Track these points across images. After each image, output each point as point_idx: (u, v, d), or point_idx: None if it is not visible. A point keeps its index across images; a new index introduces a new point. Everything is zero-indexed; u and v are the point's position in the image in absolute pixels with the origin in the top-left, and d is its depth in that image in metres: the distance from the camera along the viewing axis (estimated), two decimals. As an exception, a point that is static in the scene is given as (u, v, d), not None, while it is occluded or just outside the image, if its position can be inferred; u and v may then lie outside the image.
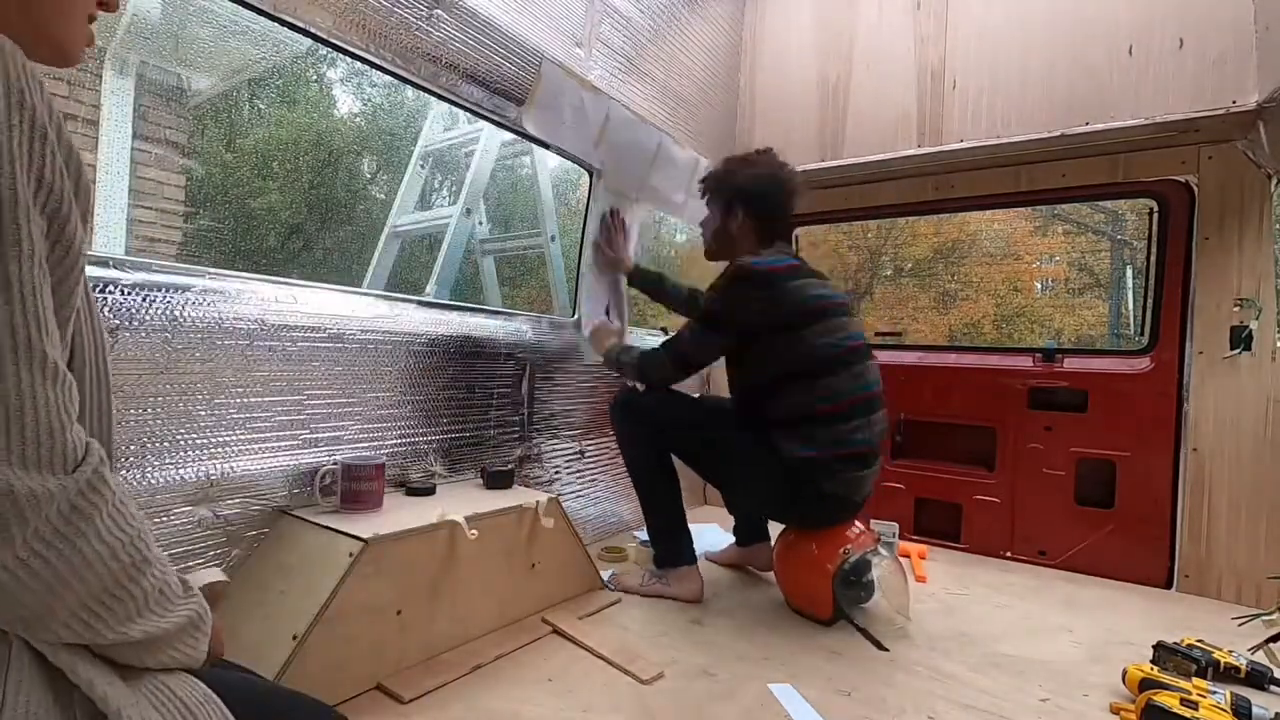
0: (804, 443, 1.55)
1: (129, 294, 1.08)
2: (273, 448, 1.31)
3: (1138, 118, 1.91)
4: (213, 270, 1.24)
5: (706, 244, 1.85)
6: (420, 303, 1.70)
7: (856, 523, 1.66)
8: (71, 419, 0.45)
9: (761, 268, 1.56)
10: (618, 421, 1.77)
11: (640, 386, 1.79)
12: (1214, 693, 1.19)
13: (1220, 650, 1.37)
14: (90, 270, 1.03)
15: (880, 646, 1.48)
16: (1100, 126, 1.96)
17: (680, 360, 1.66)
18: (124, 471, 1.08)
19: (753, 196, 1.70)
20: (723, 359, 1.70)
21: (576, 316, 2.24)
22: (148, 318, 1.10)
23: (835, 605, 1.55)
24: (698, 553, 1.78)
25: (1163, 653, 1.38)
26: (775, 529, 1.84)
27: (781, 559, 1.71)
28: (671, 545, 1.74)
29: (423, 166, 4.19)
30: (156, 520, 1.13)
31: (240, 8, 1.22)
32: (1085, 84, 1.99)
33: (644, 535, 2.20)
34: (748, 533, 1.98)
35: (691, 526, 1.78)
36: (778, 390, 1.58)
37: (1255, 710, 1.16)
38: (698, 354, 1.66)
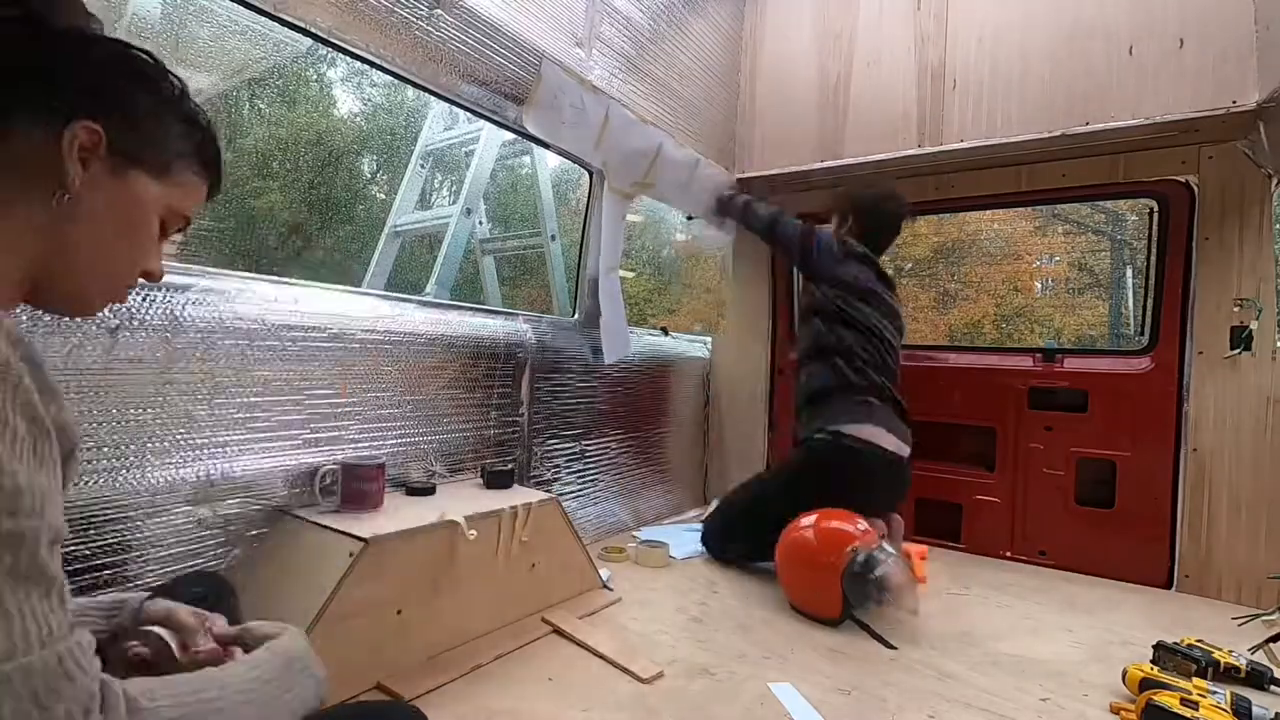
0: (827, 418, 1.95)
1: (129, 294, 1.08)
2: (273, 447, 1.31)
3: (1138, 118, 1.91)
4: (212, 270, 1.24)
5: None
6: (420, 302, 1.70)
7: (861, 520, 1.66)
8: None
9: (857, 249, 2.07)
10: (719, 554, 2.06)
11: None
12: (1214, 693, 1.19)
13: (1220, 650, 1.37)
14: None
15: (888, 645, 1.48)
16: (1100, 126, 1.96)
17: (773, 224, 2.24)
18: (123, 472, 1.08)
19: (863, 209, 2.12)
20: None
21: (577, 316, 2.24)
22: (148, 317, 1.10)
23: (844, 604, 1.55)
24: (686, 555, 2.05)
25: (1163, 653, 1.38)
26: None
27: (785, 561, 1.71)
28: None
29: (423, 166, 4.19)
30: (157, 520, 1.13)
31: (240, 7, 1.22)
32: (1085, 84, 1.99)
33: (644, 535, 2.20)
34: None
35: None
36: (817, 358, 2.02)
37: (1255, 710, 1.16)
38: (787, 236, 2.18)
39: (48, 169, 0.52)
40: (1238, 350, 1.92)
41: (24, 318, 0.96)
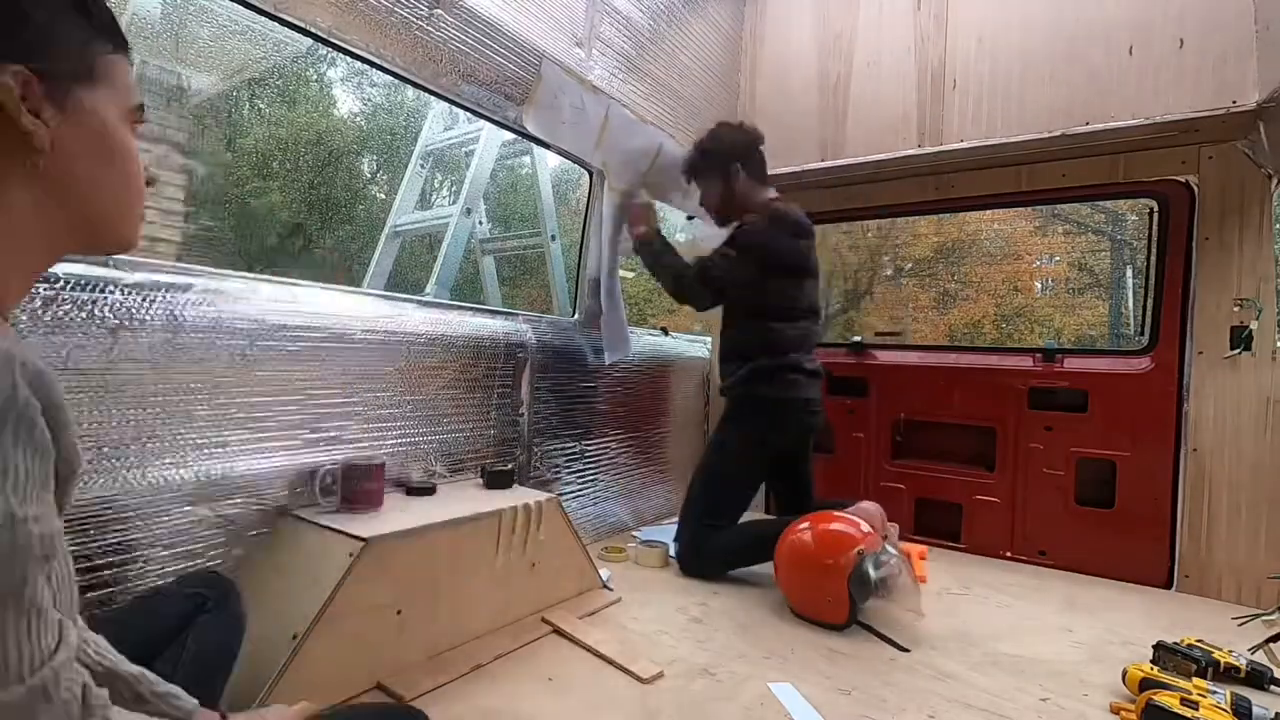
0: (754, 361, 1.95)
1: (129, 294, 1.08)
2: (273, 447, 1.31)
3: (1138, 118, 1.91)
4: (213, 270, 1.24)
5: (715, 213, 2.09)
6: (420, 302, 1.70)
7: (863, 523, 1.64)
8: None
9: (805, 223, 1.96)
10: (695, 572, 1.93)
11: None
12: (1214, 693, 1.19)
13: (1220, 650, 1.37)
14: (90, 270, 1.03)
15: (901, 648, 1.47)
16: (1100, 126, 1.96)
17: (713, 283, 1.93)
18: (125, 472, 1.08)
19: (743, 153, 2.01)
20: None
21: (577, 316, 2.24)
22: (148, 317, 1.10)
23: (851, 608, 1.53)
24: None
25: (1163, 652, 1.38)
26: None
27: (787, 569, 1.68)
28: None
29: (423, 166, 4.19)
30: (157, 520, 1.13)
31: (240, 7, 1.22)
32: (1085, 84, 1.99)
33: (644, 535, 2.20)
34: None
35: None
36: (753, 320, 1.97)
37: (1255, 710, 1.16)
38: (727, 280, 1.93)
39: (6, 141, 0.49)
40: (1238, 350, 1.92)
41: (23, 318, 0.96)
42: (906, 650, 1.46)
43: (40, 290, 0.97)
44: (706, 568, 1.89)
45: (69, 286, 1.00)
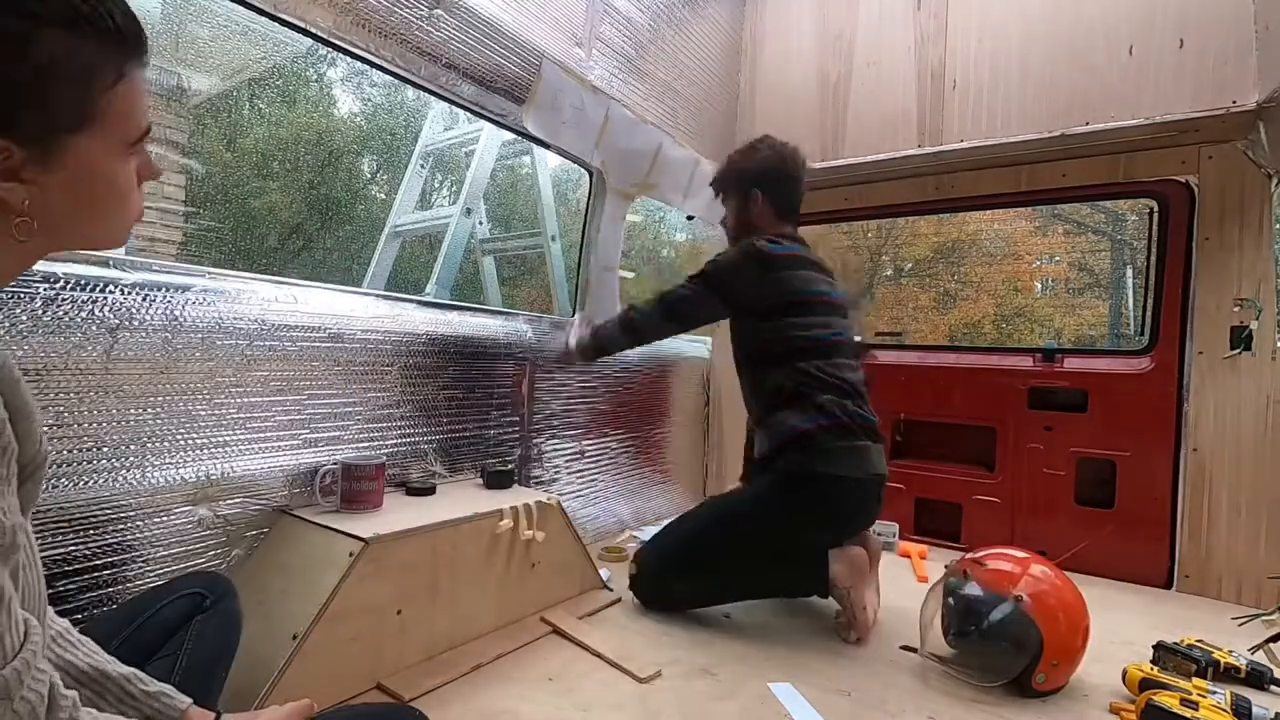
0: (782, 425, 1.58)
1: (129, 294, 1.08)
2: (273, 447, 1.31)
3: (1138, 118, 1.91)
4: (213, 270, 1.24)
5: (731, 236, 1.86)
6: (420, 302, 1.69)
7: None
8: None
9: (774, 251, 1.64)
10: (653, 603, 1.64)
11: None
12: (1214, 693, 1.19)
13: (1220, 650, 1.37)
14: (90, 270, 1.03)
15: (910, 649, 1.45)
16: (1100, 126, 1.96)
17: (671, 312, 1.73)
18: (124, 472, 1.08)
19: (766, 178, 1.77)
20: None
21: (577, 317, 2.24)
22: (148, 317, 1.10)
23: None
24: None
25: (1163, 653, 1.38)
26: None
27: None
28: (797, 585, 1.63)
29: (423, 166, 4.19)
30: (157, 520, 1.13)
31: (240, 7, 1.22)
32: (1085, 84, 1.99)
33: (643, 535, 2.20)
34: None
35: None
36: (756, 370, 1.67)
37: (1255, 710, 1.16)
38: (685, 309, 1.72)
39: None
40: (1238, 350, 1.92)
41: (23, 318, 0.96)
42: (914, 650, 1.43)
43: (40, 290, 0.97)
44: (666, 608, 1.62)
45: (69, 286, 1.00)
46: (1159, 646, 1.39)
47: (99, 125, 0.52)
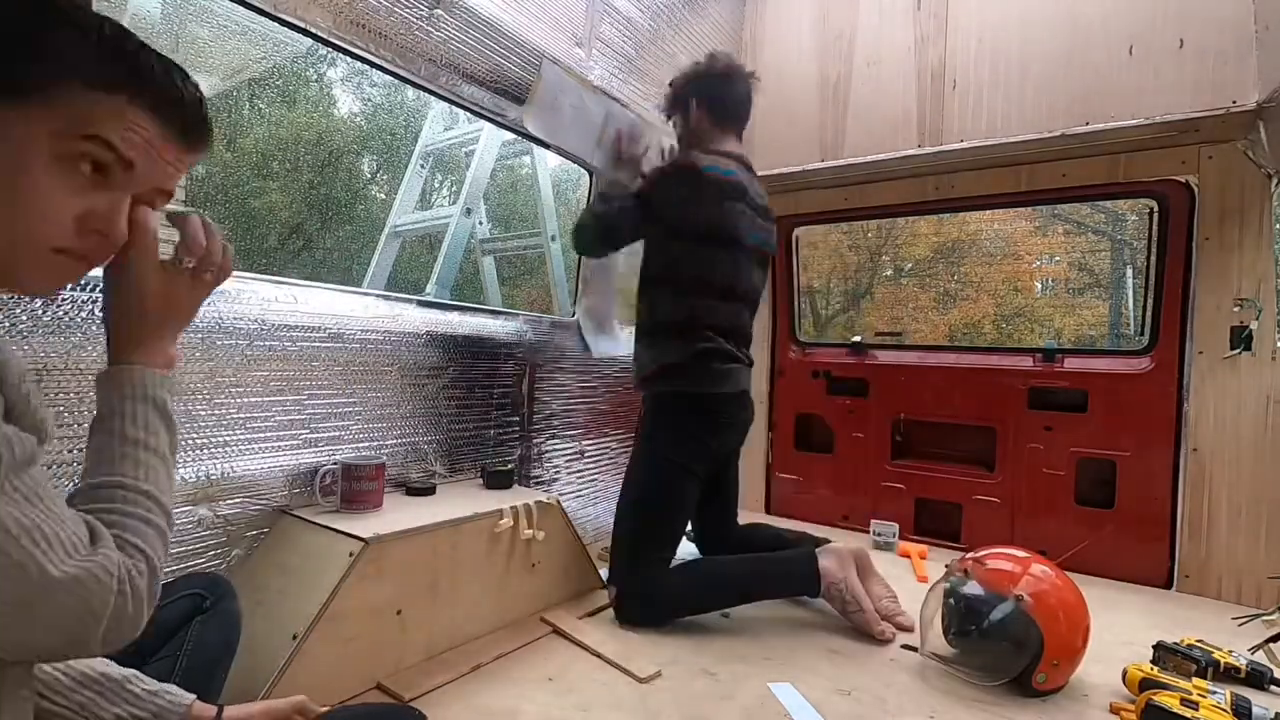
0: (660, 352, 1.62)
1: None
2: (273, 447, 1.31)
3: (1138, 118, 1.91)
4: (213, 270, 1.24)
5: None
6: (420, 302, 1.69)
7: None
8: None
9: (708, 173, 1.58)
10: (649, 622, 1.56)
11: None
12: (1214, 693, 1.19)
13: (1220, 650, 1.37)
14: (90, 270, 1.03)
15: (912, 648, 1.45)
16: (1100, 126, 1.96)
17: (608, 233, 1.68)
18: (124, 471, 1.08)
19: (700, 86, 1.73)
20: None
21: (576, 316, 2.24)
22: (148, 317, 1.10)
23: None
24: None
25: (1163, 653, 1.38)
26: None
27: None
28: (790, 584, 1.61)
29: (423, 166, 4.19)
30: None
31: (240, 7, 1.22)
32: (1085, 84, 1.99)
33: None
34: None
35: None
36: (657, 292, 1.66)
37: (1255, 710, 1.15)
38: (623, 224, 1.66)
39: None
40: (1238, 350, 1.92)
41: (23, 318, 0.96)
42: (915, 649, 1.44)
43: (40, 290, 0.97)
44: (657, 616, 1.54)
45: (69, 286, 1.00)
46: (1159, 646, 1.39)
47: (42, 107, 0.49)
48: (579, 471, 2.16)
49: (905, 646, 1.47)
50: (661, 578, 1.57)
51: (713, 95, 1.73)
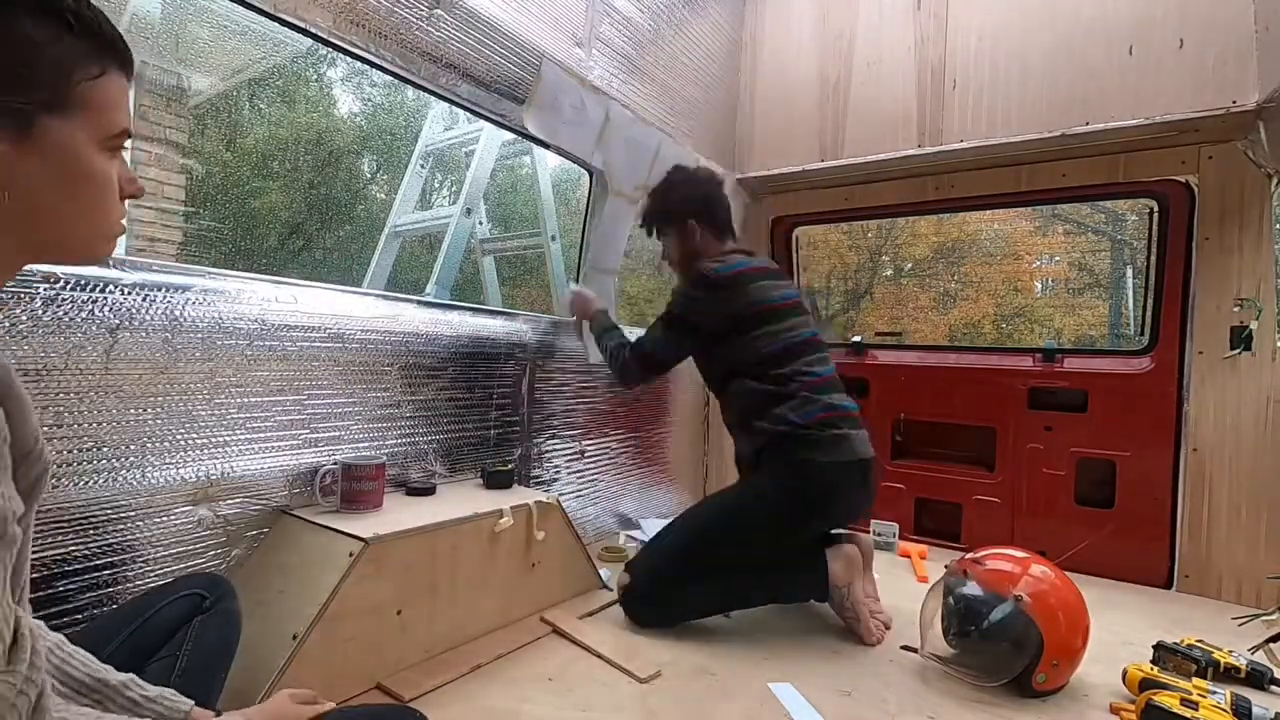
0: (771, 422, 1.56)
1: (129, 294, 1.08)
2: (273, 447, 1.31)
3: (1138, 118, 1.91)
4: (213, 270, 1.24)
5: (678, 268, 1.84)
6: (420, 302, 1.69)
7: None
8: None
9: (721, 273, 1.65)
10: (647, 622, 1.56)
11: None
12: (1214, 693, 1.19)
13: (1220, 650, 1.37)
14: (90, 270, 1.03)
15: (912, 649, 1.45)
16: (1100, 126, 1.96)
17: (647, 361, 1.75)
18: (124, 472, 1.08)
19: (700, 205, 1.79)
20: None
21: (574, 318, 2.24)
22: (148, 317, 1.10)
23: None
24: None
25: (1163, 653, 1.38)
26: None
27: None
28: (795, 589, 1.61)
29: (423, 166, 4.19)
30: (157, 520, 1.13)
31: (240, 7, 1.22)
32: (1085, 84, 1.99)
33: (633, 535, 2.20)
34: None
35: None
36: (731, 384, 1.67)
37: (1256, 710, 1.16)
38: (663, 354, 1.74)
39: None
40: (1238, 350, 1.92)
41: (23, 318, 0.96)
42: (915, 650, 1.43)
43: (40, 290, 0.97)
44: (668, 622, 1.54)
45: (69, 286, 1.00)
46: (1159, 646, 1.39)
47: (78, 113, 0.53)
48: (579, 471, 2.16)
49: (905, 647, 1.47)
50: (680, 591, 1.55)
51: (710, 214, 1.80)
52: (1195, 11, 1.84)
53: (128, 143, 0.59)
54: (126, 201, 0.59)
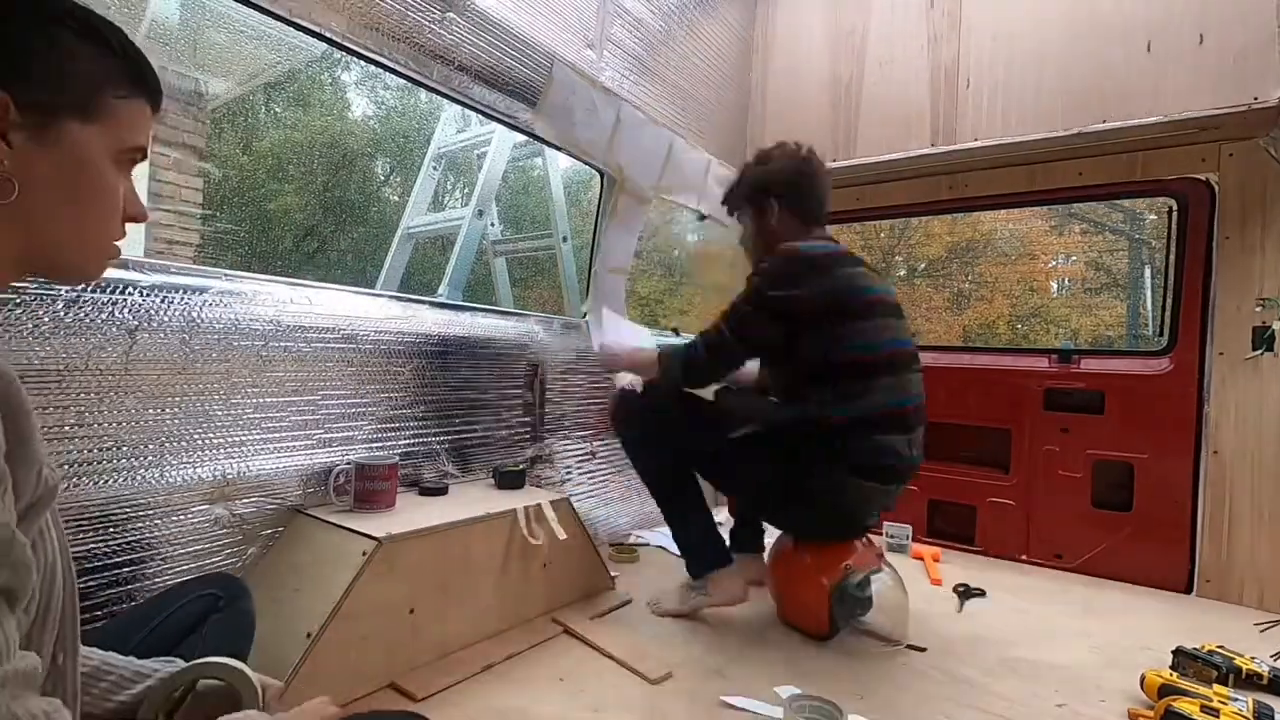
0: (827, 457, 1.42)
1: (148, 295, 1.10)
2: (288, 447, 1.32)
3: (1156, 115, 1.88)
4: (229, 272, 1.26)
5: (753, 255, 1.69)
6: (433, 304, 1.71)
7: (859, 540, 1.56)
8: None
9: (813, 252, 1.47)
10: (624, 427, 1.65)
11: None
12: (1235, 699, 1.17)
13: (1242, 656, 1.35)
14: (110, 272, 1.04)
15: (894, 642, 1.47)
16: (1117, 124, 1.94)
17: (723, 350, 1.50)
18: (142, 470, 1.10)
19: (781, 185, 1.62)
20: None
21: (585, 315, 2.24)
22: (166, 318, 1.12)
23: (831, 622, 1.47)
24: None
25: (1182, 658, 1.36)
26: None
27: (776, 570, 1.62)
28: (702, 551, 1.60)
29: (435, 168, 4.22)
30: (174, 518, 1.14)
31: (256, 13, 1.24)
32: (1102, 81, 1.97)
33: (642, 536, 2.20)
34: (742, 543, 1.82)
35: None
36: (813, 387, 1.45)
37: (1278, 718, 1.13)
38: (744, 338, 1.48)
39: None
40: (1260, 351, 1.88)
41: (46, 319, 0.97)
42: (922, 650, 1.44)
43: (63, 293, 0.99)
44: (640, 427, 1.58)
45: (89, 289, 1.02)
46: (1178, 652, 1.37)
47: (100, 123, 0.54)
48: (590, 472, 2.17)
49: (910, 646, 1.47)
50: (664, 409, 1.55)
51: (797, 196, 1.62)
52: (1215, 7, 1.81)
53: (145, 166, 0.60)
54: (127, 225, 0.59)
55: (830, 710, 1.03)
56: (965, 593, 1.84)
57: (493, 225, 4.31)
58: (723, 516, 1.95)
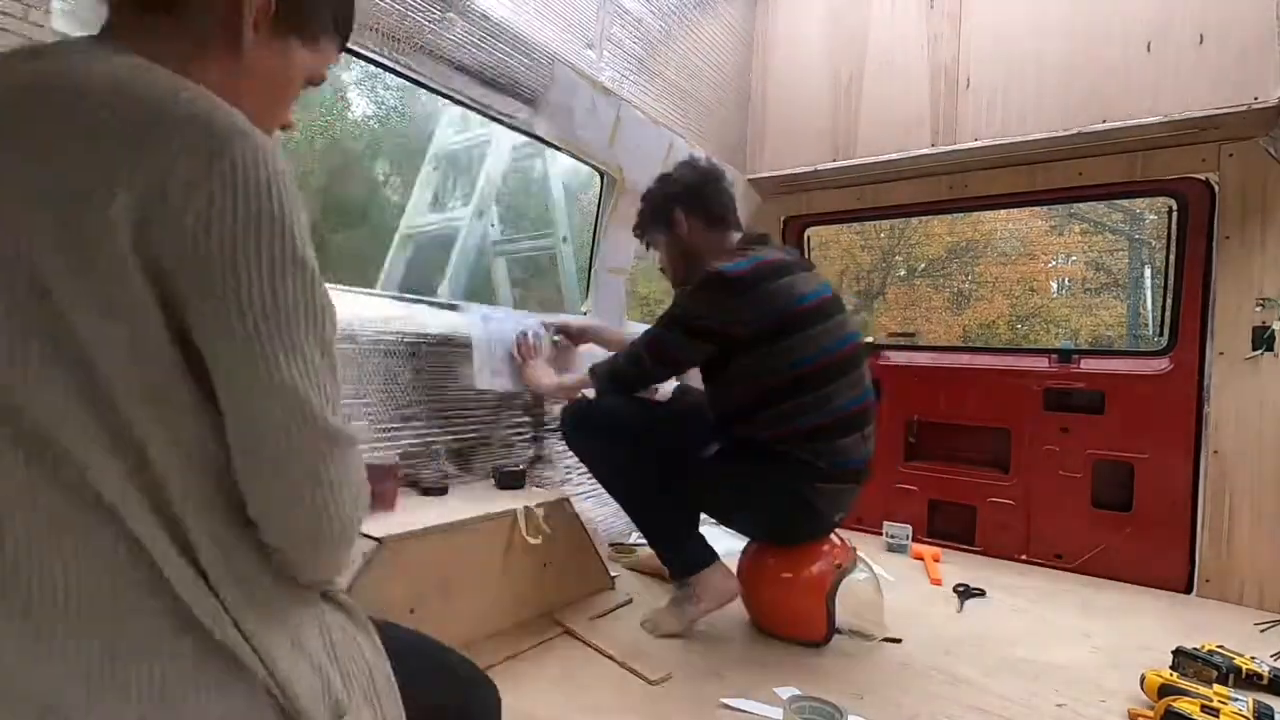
0: (792, 462, 1.43)
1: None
2: (288, 448, 1.32)
3: (1156, 115, 1.88)
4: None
5: (673, 276, 1.67)
6: (433, 304, 1.71)
7: (833, 536, 1.55)
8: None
9: (736, 271, 1.41)
10: (574, 438, 1.58)
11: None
12: (1235, 699, 1.17)
13: (1242, 656, 1.35)
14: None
15: (870, 636, 1.49)
16: (1117, 124, 1.94)
17: (660, 356, 1.48)
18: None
19: (682, 192, 1.59)
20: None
21: (587, 314, 2.24)
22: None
23: (829, 624, 1.46)
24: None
25: (1182, 658, 1.36)
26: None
27: (757, 582, 1.55)
28: (683, 552, 1.53)
29: (435, 169, 4.22)
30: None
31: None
32: (1102, 81, 1.97)
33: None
34: None
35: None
36: (761, 408, 1.45)
37: (1278, 718, 1.13)
38: (679, 353, 1.48)
39: (222, 31, 0.59)
40: (1260, 351, 1.88)
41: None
42: (895, 640, 1.47)
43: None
44: (588, 433, 1.55)
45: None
46: (1178, 652, 1.37)
47: (312, 49, 0.66)
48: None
49: (887, 639, 1.49)
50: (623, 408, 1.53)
51: (696, 202, 1.58)
52: (1215, 7, 1.81)
53: None
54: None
55: (830, 710, 1.03)
56: (965, 593, 1.84)
57: (493, 226, 4.31)
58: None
